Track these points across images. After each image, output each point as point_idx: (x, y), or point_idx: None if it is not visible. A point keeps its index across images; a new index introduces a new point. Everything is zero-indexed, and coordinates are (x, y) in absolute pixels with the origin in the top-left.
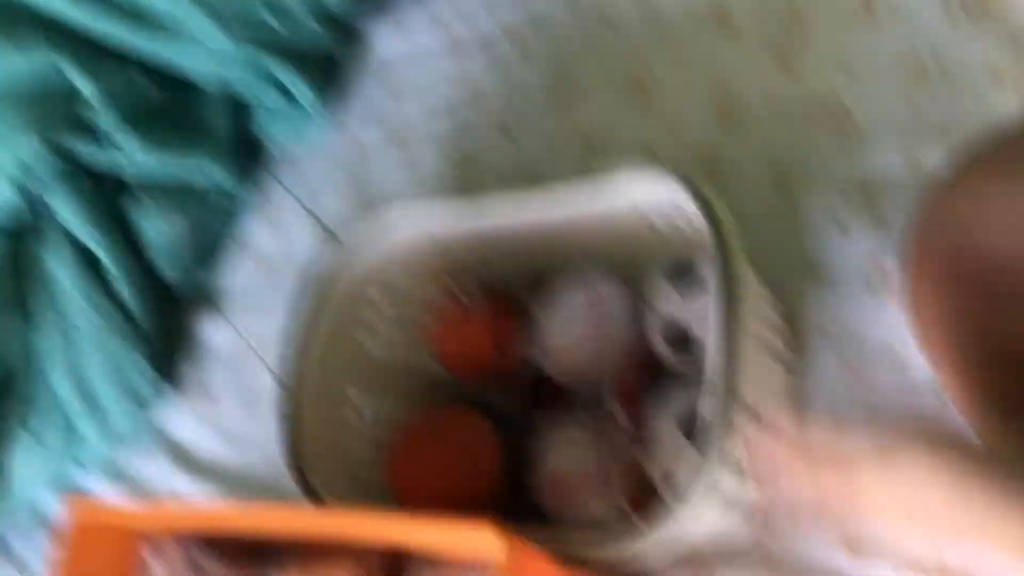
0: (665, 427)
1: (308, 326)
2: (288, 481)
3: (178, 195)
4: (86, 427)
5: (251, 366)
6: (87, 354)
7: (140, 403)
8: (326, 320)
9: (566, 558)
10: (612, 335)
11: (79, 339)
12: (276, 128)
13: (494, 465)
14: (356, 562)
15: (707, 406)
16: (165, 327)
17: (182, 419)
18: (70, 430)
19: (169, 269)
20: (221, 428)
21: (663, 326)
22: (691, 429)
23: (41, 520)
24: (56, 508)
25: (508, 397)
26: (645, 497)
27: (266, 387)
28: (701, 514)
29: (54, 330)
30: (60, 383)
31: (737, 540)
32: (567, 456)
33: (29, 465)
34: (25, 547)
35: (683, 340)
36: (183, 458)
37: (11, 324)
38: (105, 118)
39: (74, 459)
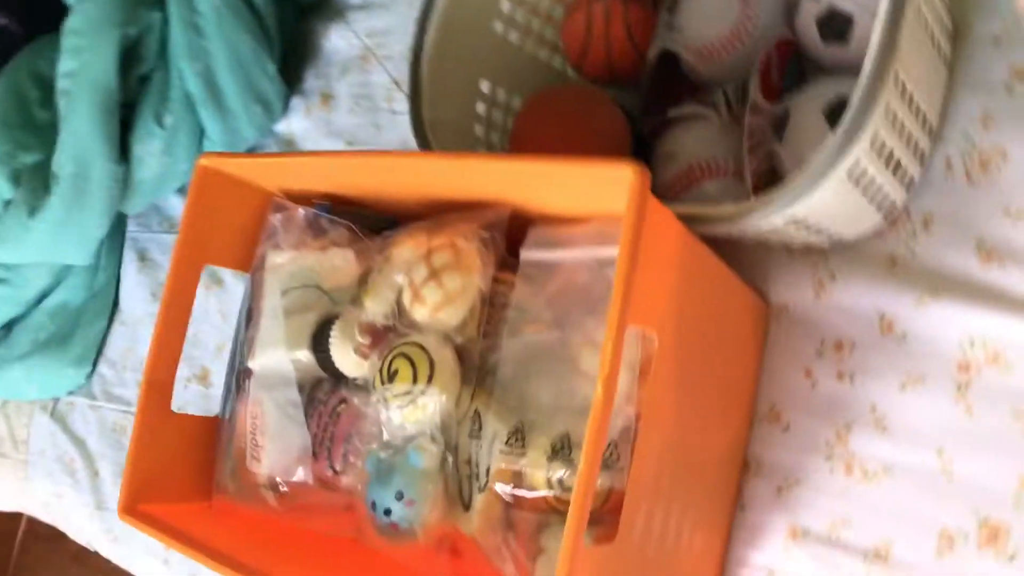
0: (807, 116)
1: (435, 13)
2: None
3: None
4: (213, 127)
5: (373, 71)
6: (217, 51)
7: (265, 107)
8: (456, 8)
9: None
10: (760, 26)
11: (210, 35)
12: None
13: (621, 143)
14: (476, 226)
15: (858, 90)
16: (291, 30)
17: (304, 125)
18: (199, 131)
19: None
20: (341, 133)
21: (820, 13)
22: (835, 119)
23: (171, 224)
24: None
25: (639, 90)
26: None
27: (387, 92)
28: (832, 201)
29: (187, 25)
30: (191, 80)
31: (867, 236)
32: (699, 143)
33: (160, 165)
34: (159, 252)
35: (840, 30)
36: None
37: (151, 19)
38: None
39: None
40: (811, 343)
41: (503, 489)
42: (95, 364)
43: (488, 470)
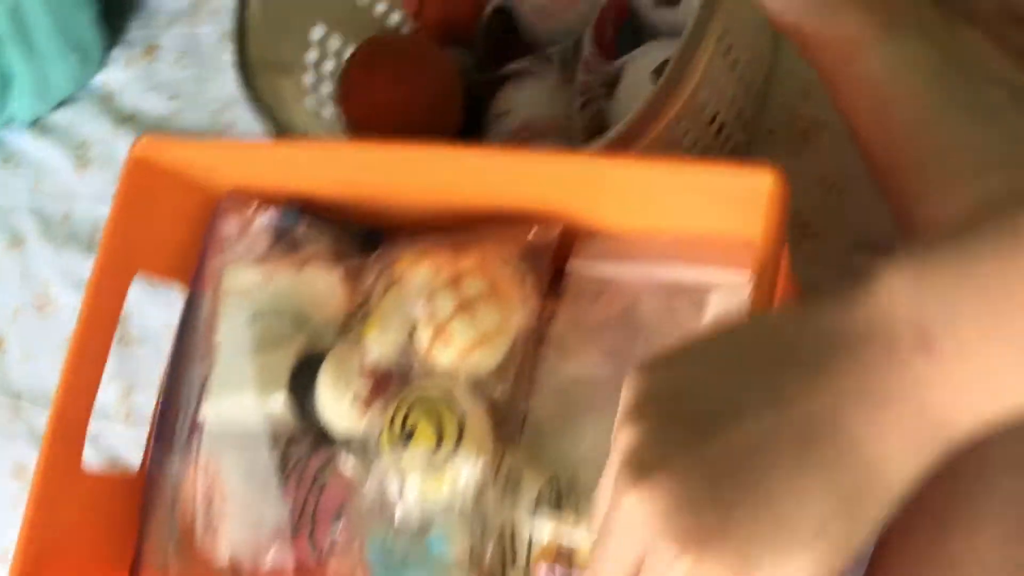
0: (636, 77)
1: None
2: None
3: None
4: (23, 78)
5: (201, 23)
6: None
7: (82, 55)
8: None
9: None
10: None
11: None
12: None
13: (454, 100)
14: (516, 246)
15: (678, 50)
16: None
17: (124, 78)
18: (3, 77)
19: None
20: (165, 86)
21: None
22: None
23: None
24: None
25: (475, 49)
26: None
27: (214, 44)
28: None
29: None
30: None
31: None
32: (532, 100)
33: None
34: None
35: None
36: (125, 117)
37: None
38: None
39: (6, 115)
40: None
41: (548, 571)
42: None
43: (528, 544)
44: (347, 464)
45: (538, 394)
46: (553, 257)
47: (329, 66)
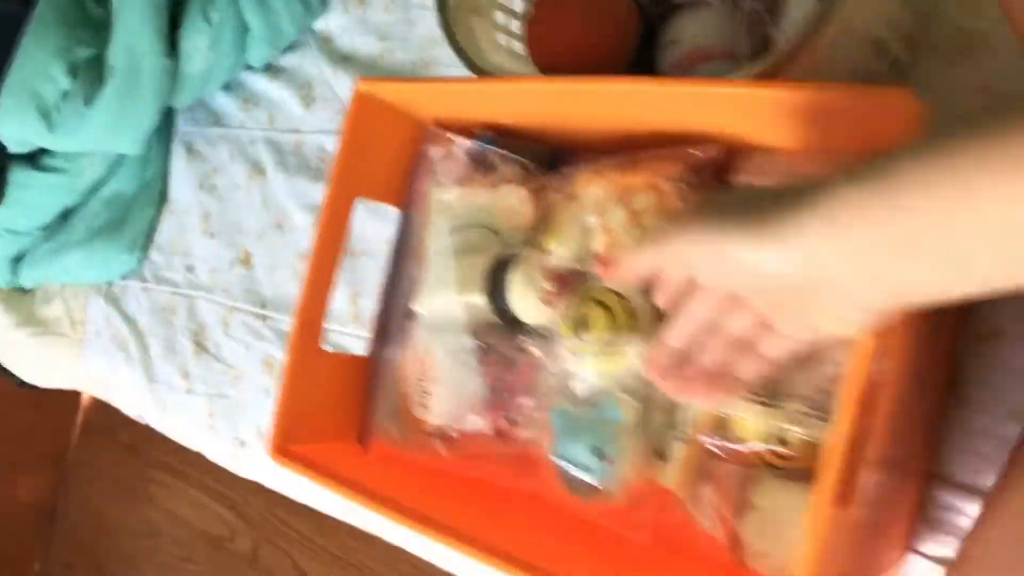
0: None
1: None
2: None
3: None
4: (256, 24)
5: None
6: None
7: (305, 4)
8: None
9: None
10: None
11: None
12: None
13: (629, 32)
14: (681, 166)
15: None
16: None
17: (340, 23)
18: (243, 28)
19: None
20: (376, 30)
21: None
22: None
23: (216, 118)
24: (227, 106)
25: None
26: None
27: None
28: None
29: None
30: None
31: None
32: (700, 28)
33: (207, 60)
34: (206, 144)
35: None
36: (342, 58)
37: None
38: None
39: (244, 60)
40: None
41: (707, 440)
42: (146, 249)
43: (689, 418)
44: (534, 348)
45: None
46: (715, 172)
47: (517, 4)
